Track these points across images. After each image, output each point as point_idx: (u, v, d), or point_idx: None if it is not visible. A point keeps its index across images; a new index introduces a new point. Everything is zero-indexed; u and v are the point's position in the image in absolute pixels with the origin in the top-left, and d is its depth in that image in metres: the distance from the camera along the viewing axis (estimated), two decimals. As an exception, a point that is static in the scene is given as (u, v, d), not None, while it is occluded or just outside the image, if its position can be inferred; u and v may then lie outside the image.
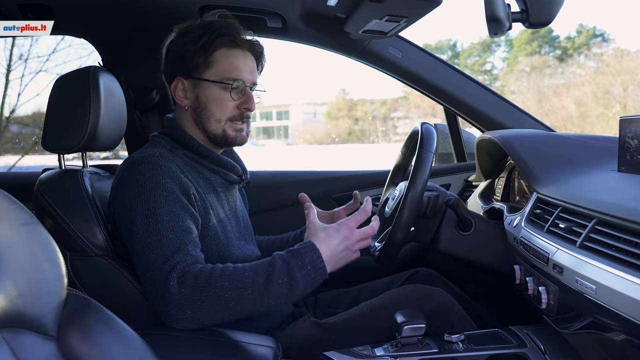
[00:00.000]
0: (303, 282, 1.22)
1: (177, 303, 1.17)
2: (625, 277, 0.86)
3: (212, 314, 1.19)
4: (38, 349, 0.72)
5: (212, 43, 1.39)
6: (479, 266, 1.61)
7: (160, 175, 1.28)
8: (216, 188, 1.44)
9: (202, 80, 1.40)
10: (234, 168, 1.48)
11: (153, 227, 1.23)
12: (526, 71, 19.85)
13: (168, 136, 1.44)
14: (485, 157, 1.93)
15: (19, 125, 7.84)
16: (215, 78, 1.40)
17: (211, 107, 1.41)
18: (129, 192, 1.28)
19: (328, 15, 1.87)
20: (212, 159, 1.43)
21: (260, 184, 2.26)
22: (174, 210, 1.26)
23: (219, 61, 1.40)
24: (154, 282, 1.20)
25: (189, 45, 1.40)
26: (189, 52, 1.39)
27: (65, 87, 1.42)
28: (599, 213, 1.03)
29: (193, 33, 1.40)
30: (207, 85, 1.40)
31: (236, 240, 1.45)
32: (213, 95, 1.41)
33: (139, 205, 1.25)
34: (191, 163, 1.41)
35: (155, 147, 1.39)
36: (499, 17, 1.08)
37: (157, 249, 1.21)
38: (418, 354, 1.25)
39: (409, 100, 17.07)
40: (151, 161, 1.29)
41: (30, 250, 0.73)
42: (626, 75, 17.21)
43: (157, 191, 1.26)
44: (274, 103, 15.88)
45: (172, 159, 1.33)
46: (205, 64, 1.40)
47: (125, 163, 1.34)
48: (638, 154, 1.21)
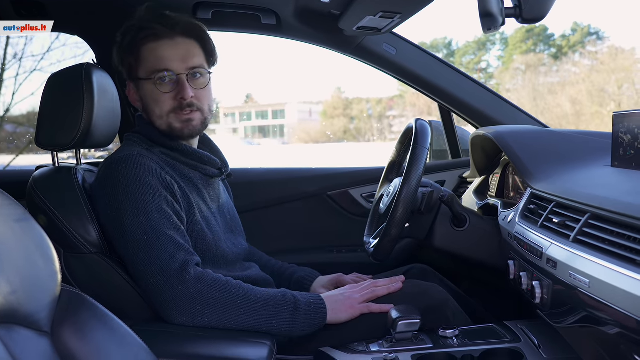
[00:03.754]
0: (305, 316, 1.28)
1: (191, 296, 1.19)
2: (619, 270, 0.86)
3: (218, 315, 1.21)
4: (32, 345, 0.72)
5: (135, 41, 1.40)
6: (473, 262, 1.61)
7: (144, 174, 1.28)
8: (196, 184, 1.44)
9: (139, 80, 1.42)
10: (212, 161, 1.47)
11: (146, 224, 1.24)
12: (521, 69, 19.92)
13: (141, 134, 1.44)
14: (480, 153, 1.93)
15: (13, 125, 7.81)
16: (145, 75, 1.41)
17: (150, 105, 1.42)
18: (114, 192, 1.28)
19: (322, 11, 1.87)
20: (188, 154, 1.43)
21: (255, 181, 2.26)
22: (163, 207, 1.27)
23: (145, 57, 1.40)
24: (161, 275, 1.21)
25: (120, 49, 1.43)
26: (120, 56, 1.43)
27: (59, 85, 1.42)
28: (592, 207, 1.04)
29: (121, 36, 1.43)
30: (143, 84, 1.42)
31: (223, 235, 1.46)
32: (148, 93, 1.41)
33: (127, 205, 1.26)
34: (169, 160, 1.41)
35: (132, 146, 1.39)
36: (492, 13, 1.08)
37: (157, 245, 1.23)
38: (413, 349, 1.26)
39: (404, 98, 17.11)
40: (132, 160, 1.29)
41: (24, 246, 0.73)
42: (621, 73, 17.28)
43: (142, 189, 1.27)
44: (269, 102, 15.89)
45: (151, 157, 1.34)
46: (137, 64, 1.41)
47: (105, 164, 1.34)
48: (631, 149, 1.22)
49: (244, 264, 1.53)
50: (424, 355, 1.24)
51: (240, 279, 1.31)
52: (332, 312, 1.32)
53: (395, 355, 1.21)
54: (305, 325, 1.28)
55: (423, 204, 1.58)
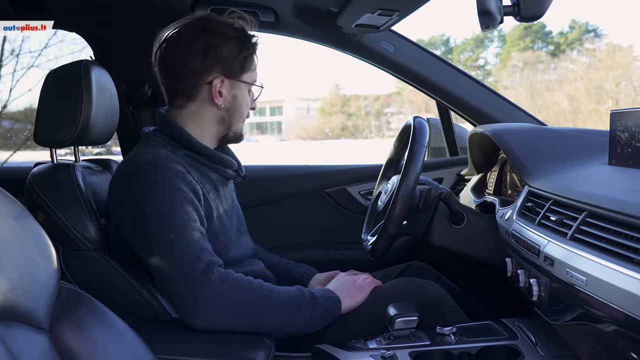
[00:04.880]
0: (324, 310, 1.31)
1: (216, 298, 1.19)
2: (615, 268, 0.87)
3: (243, 317, 1.21)
4: (31, 342, 0.72)
5: (255, 46, 1.44)
6: (471, 259, 1.62)
7: (173, 178, 1.28)
8: (217, 186, 1.44)
9: (241, 82, 1.43)
10: (231, 164, 1.48)
11: (174, 224, 1.23)
12: (519, 66, 19.89)
13: (165, 135, 1.41)
14: (478, 151, 1.94)
15: (10, 121, 7.79)
16: (251, 80, 1.45)
17: (243, 108, 1.46)
18: (140, 194, 1.27)
19: (320, 9, 1.88)
20: (212, 158, 1.42)
21: (253, 178, 2.24)
22: (190, 210, 1.27)
23: (254, 64, 1.45)
24: (184, 277, 1.20)
25: (241, 48, 1.41)
26: (242, 55, 1.41)
27: (57, 81, 1.42)
28: (589, 205, 1.04)
29: (238, 35, 1.41)
30: (245, 87, 1.44)
31: (235, 238, 1.47)
32: (246, 97, 1.45)
33: (155, 206, 1.25)
34: (193, 163, 1.40)
35: (156, 147, 1.37)
36: (490, 11, 1.09)
37: (182, 246, 1.22)
38: (410, 346, 1.26)
39: (402, 95, 17.05)
40: (160, 164, 1.28)
41: (22, 243, 0.73)
42: (618, 70, 17.28)
43: (172, 192, 1.26)
44: (267, 99, 15.85)
45: (178, 161, 1.33)
46: (248, 67, 1.43)
47: (128, 165, 1.33)
48: (628, 147, 1.22)
49: (249, 260, 1.53)
50: (422, 352, 1.24)
51: (247, 274, 1.31)
52: (347, 298, 1.36)
53: (393, 352, 1.21)
54: (323, 320, 1.30)
55: (421, 202, 1.58)
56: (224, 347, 1.18)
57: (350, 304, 1.36)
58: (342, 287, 1.40)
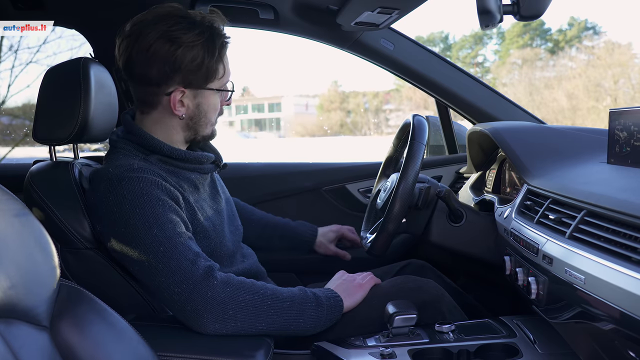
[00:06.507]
0: (328, 310, 1.30)
1: (222, 301, 1.18)
2: (614, 267, 0.87)
3: (250, 318, 1.20)
4: (31, 339, 0.72)
5: (222, 50, 1.35)
6: (469, 257, 1.62)
7: (149, 188, 1.25)
8: (196, 185, 1.42)
9: (206, 89, 1.36)
10: (208, 158, 1.44)
11: (161, 235, 1.21)
12: (518, 64, 19.89)
13: (135, 143, 1.37)
14: (477, 149, 1.94)
15: (9, 117, 7.78)
16: (218, 86, 1.37)
17: (210, 114, 1.40)
18: (119, 210, 1.23)
19: (320, 6, 1.87)
20: (186, 159, 1.39)
21: (251, 176, 2.26)
22: (174, 218, 1.25)
23: (220, 72, 1.37)
24: (186, 283, 1.18)
25: (204, 57, 1.31)
26: (205, 65, 1.32)
27: (56, 79, 1.41)
28: (588, 204, 1.04)
29: (201, 42, 1.30)
30: (210, 94, 1.37)
31: (227, 231, 1.46)
32: (213, 103, 1.39)
33: (137, 220, 1.22)
34: (167, 167, 1.36)
35: (128, 157, 1.34)
36: (490, 10, 1.09)
37: (176, 254, 1.20)
38: (409, 344, 1.26)
39: (401, 92, 17.04)
40: (133, 176, 1.25)
41: (23, 241, 0.73)
42: (617, 68, 17.28)
43: (151, 203, 1.23)
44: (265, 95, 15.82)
45: (151, 169, 1.30)
46: (213, 76, 1.35)
47: (102, 178, 1.28)
48: (627, 146, 1.22)
49: (242, 252, 1.54)
50: (420, 350, 1.25)
51: (240, 273, 1.31)
52: (348, 297, 1.35)
53: (392, 350, 1.21)
54: (327, 320, 1.30)
55: (420, 200, 1.58)
56: (224, 344, 1.18)
57: (350, 303, 1.36)
58: (342, 285, 1.40)
